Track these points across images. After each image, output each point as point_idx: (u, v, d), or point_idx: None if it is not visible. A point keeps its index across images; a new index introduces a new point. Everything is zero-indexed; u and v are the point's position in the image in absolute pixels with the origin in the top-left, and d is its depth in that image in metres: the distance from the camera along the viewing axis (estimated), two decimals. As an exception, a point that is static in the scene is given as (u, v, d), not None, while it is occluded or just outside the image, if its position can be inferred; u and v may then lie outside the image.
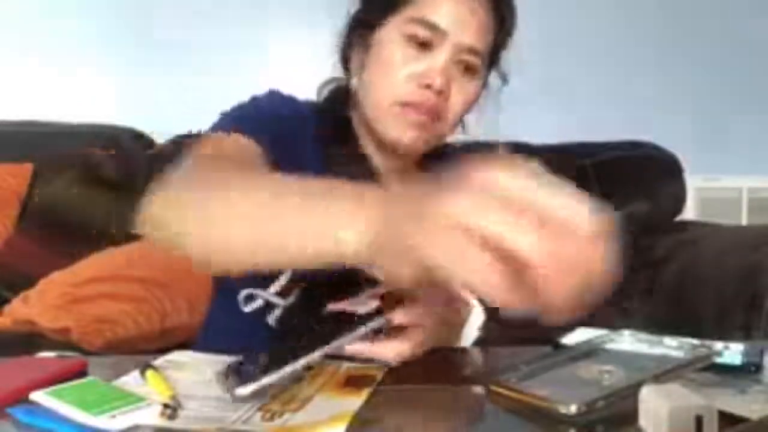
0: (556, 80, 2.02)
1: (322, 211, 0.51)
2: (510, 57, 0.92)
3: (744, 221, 2.12)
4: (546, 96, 2.00)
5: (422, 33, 0.82)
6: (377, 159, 0.90)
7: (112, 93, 2.04)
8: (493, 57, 0.88)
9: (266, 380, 0.54)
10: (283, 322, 0.83)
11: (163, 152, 1.80)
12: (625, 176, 1.77)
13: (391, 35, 0.84)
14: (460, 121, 0.89)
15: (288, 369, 0.55)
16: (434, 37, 0.82)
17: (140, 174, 1.78)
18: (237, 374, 0.55)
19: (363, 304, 0.63)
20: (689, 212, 1.91)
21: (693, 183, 1.90)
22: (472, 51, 0.83)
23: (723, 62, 2.10)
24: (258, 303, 0.84)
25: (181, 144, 1.77)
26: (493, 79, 0.92)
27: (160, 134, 1.86)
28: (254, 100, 0.86)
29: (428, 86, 0.81)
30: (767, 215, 2.10)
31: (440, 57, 0.82)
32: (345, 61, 0.91)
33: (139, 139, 1.87)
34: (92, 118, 1.85)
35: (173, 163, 0.68)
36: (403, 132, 0.84)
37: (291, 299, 0.82)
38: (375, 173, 0.88)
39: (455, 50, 0.82)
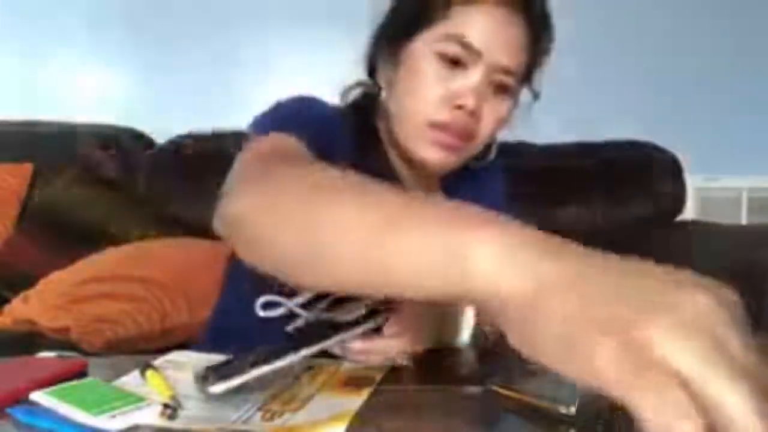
0: (556, 80, 2.02)
1: (454, 245, 0.40)
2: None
3: (744, 221, 2.12)
4: (546, 96, 2.00)
5: (456, 51, 0.79)
6: (403, 171, 0.89)
7: (113, 93, 2.04)
8: (526, 75, 0.87)
9: (239, 380, 0.53)
10: (300, 333, 0.81)
11: (163, 152, 1.81)
12: (625, 176, 1.77)
13: (422, 51, 0.81)
14: (490, 139, 0.87)
15: (265, 369, 0.54)
16: (468, 56, 0.79)
17: (140, 174, 1.78)
18: (215, 373, 0.55)
19: (348, 313, 0.64)
20: (689, 212, 1.91)
21: (693, 183, 1.90)
22: (505, 71, 0.81)
23: (723, 62, 2.10)
24: (279, 311, 0.80)
25: (180, 145, 1.77)
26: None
27: (160, 134, 1.86)
28: (279, 106, 0.81)
29: (460, 107, 0.80)
30: (767, 215, 2.10)
31: (474, 77, 0.80)
32: (371, 70, 0.89)
33: (139, 139, 1.87)
34: (92, 118, 1.85)
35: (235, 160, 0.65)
36: (433, 152, 0.82)
37: (314, 314, 0.79)
38: (401, 185, 0.86)
39: (489, 70, 0.80)
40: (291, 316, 0.81)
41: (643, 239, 1.72)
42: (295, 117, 0.78)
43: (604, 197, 1.73)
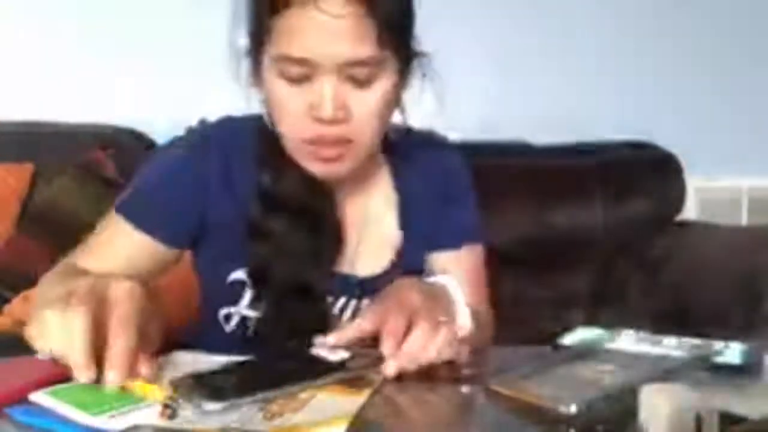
0: (556, 80, 2.02)
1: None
2: (509, 57, 0.91)
3: (744, 221, 2.12)
4: (546, 96, 2.00)
5: (292, 70, 0.75)
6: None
7: (112, 93, 2.03)
8: (400, 40, 0.79)
9: (239, 401, 0.54)
10: (258, 333, 0.85)
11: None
12: (625, 176, 1.77)
13: (268, 71, 0.78)
14: (383, 123, 0.82)
15: (259, 396, 0.55)
16: (305, 68, 0.74)
17: (140, 174, 1.78)
18: (205, 386, 0.55)
19: (333, 353, 0.64)
20: (689, 212, 1.91)
21: (693, 183, 1.90)
22: (356, 64, 0.75)
23: (723, 62, 2.09)
24: (235, 320, 0.87)
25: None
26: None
27: (160, 134, 1.86)
28: (136, 187, 0.90)
29: (320, 120, 0.76)
30: (767, 215, 2.09)
31: (323, 85, 0.75)
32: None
33: (139, 139, 1.87)
34: (92, 118, 1.85)
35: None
36: (317, 167, 0.80)
37: (262, 310, 0.84)
38: (323, 185, 0.85)
39: (336, 70, 0.74)
40: (244, 321, 0.86)
41: (643, 239, 1.72)
42: (141, 197, 0.87)
43: (604, 197, 1.72)
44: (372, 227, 0.91)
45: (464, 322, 0.71)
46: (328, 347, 0.66)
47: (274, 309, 0.83)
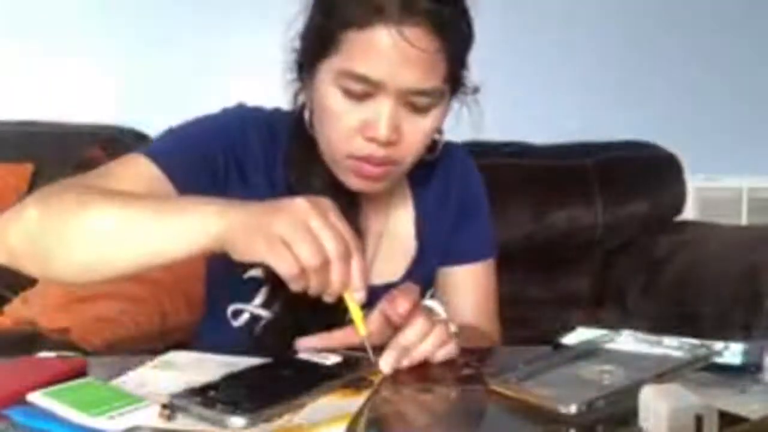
0: (556, 80, 2.02)
1: (186, 214, 0.64)
2: (510, 57, 0.90)
3: (744, 221, 2.12)
4: (546, 96, 2.00)
5: (355, 87, 0.74)
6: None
7: (112, 93, 2.04)
8: (458, 78, 0.80)
9: (263, 415, 0.52)
10: (268, 334, 0.84)
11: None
12: (625, 176, 1.77)
13: (326, 82, 0.76)
14: (426, 146, 0.82)
15: (277, 410, 0.54)
16: (369, 87, 0.74)
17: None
18: (222, 400, 0.53)
19: (322, 357, 0.65)
20: (689, 212, 1.91)
21: (693, 183, 1.90)
22: (420, 93, 0.75)
23: (723, 62, 2.09)
24: (245, 317, 0.86)
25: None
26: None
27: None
28: (211, 119, 0.86)
29: (374, 140, 0.75)
30: (767, 215, 2.09)
31: (382, 107, 0.74)
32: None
33: (139, 139, 1.86)
34: (92, 118, 1.85)
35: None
36: (356, 182, 0.79)
37: (275, 310, 0.84)
38: (347, 192, 0.83)
39: (397, 95, 0.74)
40: (255, 320, 0.85)
41: (643, 239, 1.72)
42: (172, 142, 0.84)
43: (604, 197, 1.72)
44: (390, 236, 0.91)
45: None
46: (313, 351, 0.66)
47: (287, 311, 0.83)
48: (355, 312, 0.65)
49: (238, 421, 0.51)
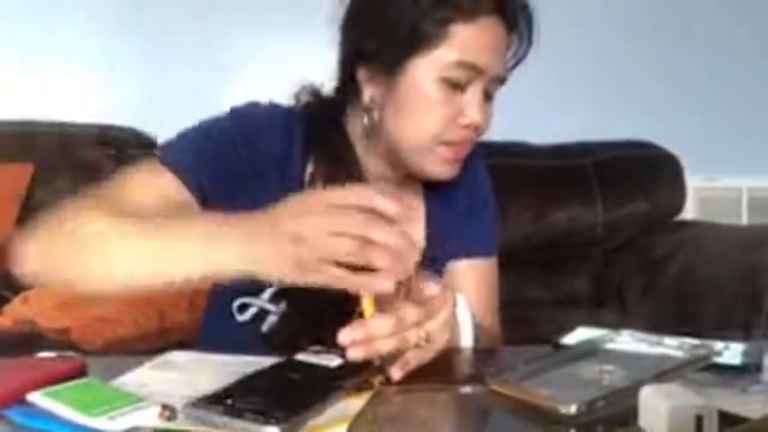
0: (556, 80, 2.02)
1: (200, 243, 0.63)
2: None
3: (744, 221, 2.12)
4: (546, 96, 2.00)
5: (460, 75, 0.80)
6: (375, 167, 0.89)
7: (112, 93, 2.03)
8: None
9: (294, 423, 0.52)
10: (276, 330, 0.83)
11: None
12: (625, 176, 1.77)
13: (424, 74, 0.81)
14: None
15: (305, 415, 0.53)
16: (473, 75, 0.81)
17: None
18: (248, 408, 0.52)
19: (328, 360, 0.63)
20: (689, 212, 1.91)
21: (693, 183, 1.90)
22: (499, 80, 0.84)
23: (723, 62, 2.09)
24: (252, 311, 0.85)
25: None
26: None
27: (160, 134, 1.86)
28: (180, 136, 0.86)
29: (468, 126, 0.82)
30: (767, 215, 2.09)
31: (476, 94, 0.81)
32: (350, 78, 0.87)
33: (139, 139, 1.86)
34: (92, 118, 1.85)
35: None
36: (443, 168, 0.85)
37: (283, 306, 0.83)
38: (363, 177, 0.87)
39: (487, 82, 0.82)
40: (262, 314, 0.84)
41: (643, 239, 1.72)
42: (203, 149, 0.83)
43: (604, 197, 1.72)
44: None
45: (466, 342, 0.75)
46: (313, 352, 0.65)
47: (297, 305, 0.82)
48: (369, 311, 0.63)
49: (272, 430, 0.50)
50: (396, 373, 0.62)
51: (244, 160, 0.83)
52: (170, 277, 0.64)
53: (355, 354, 0.59)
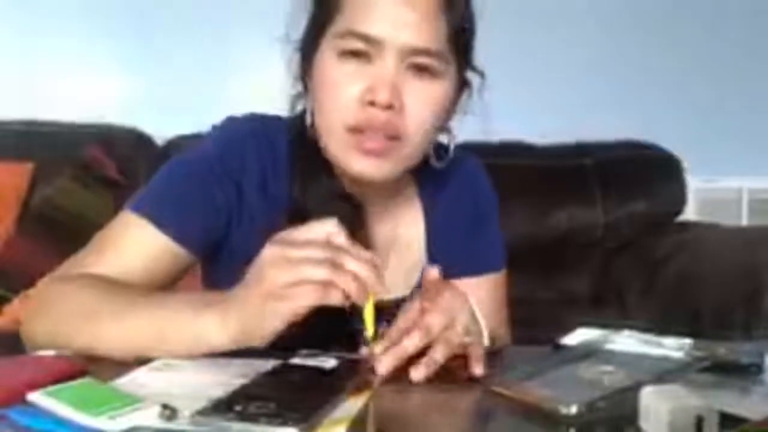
0: (556, 80, 2.02)
1: (186, 321, 0.66)
2: (510, 57, 0.89)
3: (744, 221, 2.12)
4: (546, 96, 2.00)
5: (354, 45, 0.72)
6: (351, 187, 0.81)
7: (112, 93, 2.04)
8: (462, 53, 0.78)
9: (311, 424, 0.51)
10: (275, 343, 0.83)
11: (163, 152, 1.80)
12: (625, 176, 1.77)
13: (325, 56, 0.75)
14: (434, 131, 0.79)
15: (319, 417, 0.53)
16: (369, 47, 0.72)
17: (140, 174, 1.78)
18: (262, 413, 0.51)
19: (323, 362, 0.63)
20: (689, 212, 1.91)
21: (693, 183, 1.90)
22: (422, 52, 0.73)
23: (723, 62, 2.09)
24: None
25: (180, 145, 1.77)
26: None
27: (160, 134, 1.86)
28: (155, 183, 0.84)
29: (373, 103, 0.72)
30: (767, 215, 2.09)
31: (382, 69, 0.72)
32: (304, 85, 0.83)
33: (139, 139, 1.87)
34: (92, 118, 1.85)
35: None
36: (358, 161, 0.75)
37: None
38: (353, 200, 0.82)
39: (400, 55, 0.72)
40: None
41: (644, 240, 1.72)
42: (164, 198, 0.81)
43: (603, 197, 1.72)
44: (400, 249, 0.88)
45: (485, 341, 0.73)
46: (306, 356, 0.65)
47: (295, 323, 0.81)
48: (368, 316, 0.64)
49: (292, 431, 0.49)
50: (419, 374, 0.62)
51: (231, 192, 0.80)
52: (161, 352, 0.66)
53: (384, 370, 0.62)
